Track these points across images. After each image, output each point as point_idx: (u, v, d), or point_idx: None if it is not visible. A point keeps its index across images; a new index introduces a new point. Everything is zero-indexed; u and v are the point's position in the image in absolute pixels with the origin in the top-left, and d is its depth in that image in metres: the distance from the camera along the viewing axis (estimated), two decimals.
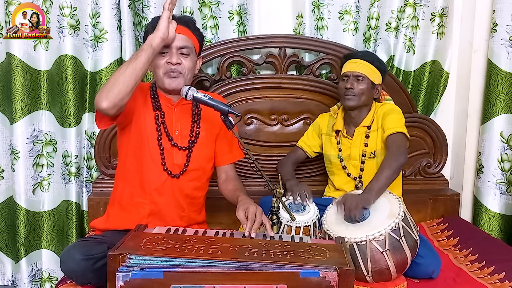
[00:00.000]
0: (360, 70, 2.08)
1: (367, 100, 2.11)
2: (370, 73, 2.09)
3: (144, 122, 1.79)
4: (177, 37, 1.74)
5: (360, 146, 2.14)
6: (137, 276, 1.31)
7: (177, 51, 1.75)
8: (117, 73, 1.60)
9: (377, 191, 1.82)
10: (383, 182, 1.84)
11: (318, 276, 1.34)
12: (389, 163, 1.90)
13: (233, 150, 1.95)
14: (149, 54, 1.63)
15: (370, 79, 2.08)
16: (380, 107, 2.14)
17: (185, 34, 1.77)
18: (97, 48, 2.38)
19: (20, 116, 2.31)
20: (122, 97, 1.58)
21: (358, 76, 2.08)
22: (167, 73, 1.76)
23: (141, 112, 1.79)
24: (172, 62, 1.74)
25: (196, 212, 1.92)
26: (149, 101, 1.82)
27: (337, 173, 2.22)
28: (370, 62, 2.10)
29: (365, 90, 2.08)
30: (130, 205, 1.82)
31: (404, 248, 1.68)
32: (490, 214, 2.51)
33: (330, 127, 2.24)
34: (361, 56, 2.13)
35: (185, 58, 1.77)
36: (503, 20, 2.41)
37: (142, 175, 1.80)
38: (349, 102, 2.09)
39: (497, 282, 1.78)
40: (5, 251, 2.44)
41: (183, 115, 1.85)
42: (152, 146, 1.79)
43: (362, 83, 2.08)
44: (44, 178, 2.41)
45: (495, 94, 2.46)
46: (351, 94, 2.08)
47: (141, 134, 1.79)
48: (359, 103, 2.09)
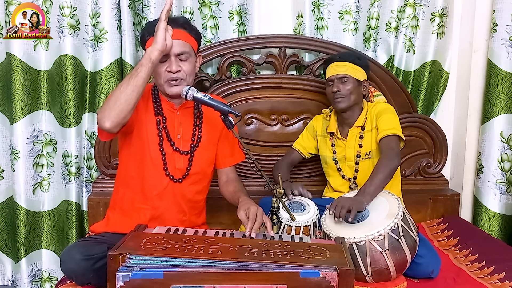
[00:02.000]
0: (342, 71, 2.10)
1: (357, 99, 2.12)
2: (353, 71, 2.10)
3: (145, 128, 1.78)
4: (174, 43, 1.71)
5: (354, 147, 2.14)
6: (137, 276, 1.31)
7: (175, 58, 1.73)
8: (117, 90, 1.57)
9: (371, 193, 1.81)
10: (377, 185, 1.84)
11: (318, 276, 1.34)
12: (383, 166, 1.89)
13: (234, 153, 1.95)
14: (149, 68, 1.61)
15: (354, 78, 2.10)
16: (373, 107, 2.15)
17: (182, 38, 1.74)
18: (97, 48, 2.38)
19: (20, 116, 2.31)
20: (125, 116, 1.57)
21: (342, 77, 2.09)
22: (167, 81, 1.74)
23: (143, 119, 1.78)
24: (172, 71, 1.72)
25: (197, 215, 1.92)
26: (151, 106, 1.81)
27: (332, 174, 2.23)
28: (350, 61, 2.11)
29: (352, 89, 2.09)
30: (131, 210, 1.82)
31: (403, 248, 1.68)
32: (490, 214, 2.51)
33: (324, 129, 2.25)
34: (340, 58, 2.15)
35: (184, 63, 1.75)
36: (503, 20, 2.41)
37: (143, 181, 1.80)
38: (340, 105, 2.10)
39: (497, 282, 1.78)
40: (5, 251, 2.44)
41: (185, 119, 1.84)
42: (154, 151, 1.78)
43: (348, 83, 2.09)
44: (44, 178, 2.41)
45: (495, 94, 2.46)
46: (340, 96, 2.09)
47: (142, 140, 1.78)
48: (349, 103, 2.10)
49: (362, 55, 2.34)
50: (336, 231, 1.73)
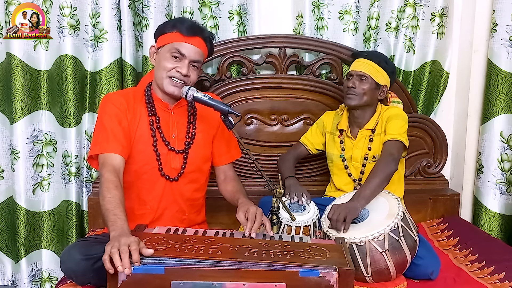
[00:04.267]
0: (363, 69, 2.07)
1: (369, 101, 2.09)
2: (375, 73, 2.07)
3: (139, 132, 1.76)
4: (195, 50, 1.73)
5: (363, 149, 2.12)
6: (138, 271, 1.32)
7: (189, 63, 1.73)
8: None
9: (367, 198, 1.80)
10: (372, 190, 1.82)
11: (317, 276, 1.34)
12: (379, 171, 1.87)
13: (231, 150, 1.94)
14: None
15: (374, 79, 2.06)
16: (386, 110, 2.12)
17: (202, 48, 1.77)
18: (97, 48, 2.38)
19: (20, 116, 2.31)
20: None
21: (361, 75, 2.06)
22: (171, 78, 1.73)
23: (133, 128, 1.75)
24: (182, 73, 1.72)
25: (196, 213, 1.92)
26: (144, 108, 1.79)
27: (337, 173, 2.22)
28: (376, 62, 2.08)
29: (368, 90, 2.06)
30: (130, 219, 1.78)
31: (403, 248, 1.68)
32: (490, 214, 2.51)
33: (334, 125, 2.22)
34: (367, 56, 2.11)
35: (194, 71, 1.76)
36: (503, 20, 2.41)
37: (140, 188, 1.79)
38: (350, 101, 2.08)
39: (497, 282, 1.78)
40: (5, 251, 2.44)
41: (180, 118, 1.83)
42: (149, 154, 1.77)
43: (365, 83, 2.06)
44: (44, 178, 2.41)
45: (495, 94, 2.46)
46: (352, 93, 2.06)
47: (137, 146, 1.76)
48: (360, 102, 2.07)
49: (391, 61, 2.29)
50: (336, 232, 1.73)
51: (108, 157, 1.66)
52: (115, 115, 1.72)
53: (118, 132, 1.70)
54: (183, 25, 1.74)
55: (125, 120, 1.73)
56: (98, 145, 1.70)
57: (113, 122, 1.71)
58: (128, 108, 1.75)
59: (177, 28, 1.73)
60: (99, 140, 1.71)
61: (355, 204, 1.77)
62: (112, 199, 1.53)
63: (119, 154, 1.68)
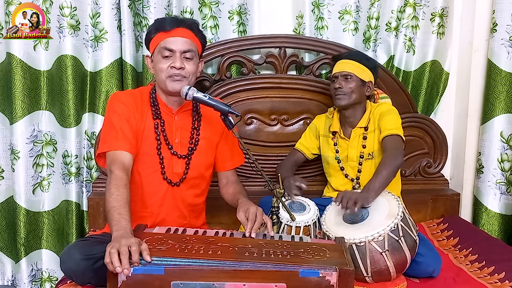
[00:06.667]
0: (347, 69, 2.10)
1: (358, 98, 2.12)
2: (358, 71, 2.10)
3: (145, 137, 1.76)
4: (181, 40, 1.72)
5: (357, 148, 2.14)
6: (138, 272, 1.32)
7: (180, 55, 1.73)
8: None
9: (376, 190, 1.82)
10: (382, 182, 1.85)
11: (317, 276, 1.34)
12: (387, 164, 1.90)
13: (234, 157, 1.94)
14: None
15: (358, 77, 2.10)
16: (376, 107, 2.15)
17: (189, 37, 1.75)
18: (97, 48, 2.38)
19: (20, 116, 2.31)
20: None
21: (346, 75, 2.10)
22: (170, 76, 1.73)
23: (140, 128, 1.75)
24: (176, 67, 1.72)
25: (196, 217, 1.92)
26: (149, 110, 1.79)
27: (334, 174, 2.23)
28: (357, 61, 2.12)
29: (355, 88, 2.10)
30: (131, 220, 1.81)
31: (403, 248, 1.68)
32: (490, 214, 2.51)
33: (327, 128, 2.25)
34: (347, 56, 2.16)
35: (188, 62, 1.75)
36: (503, 20, 2.41)
37: (142, 190, 1.79)
38: (340, 102, 2.11)
39: (497, 282, 1.78)
40: (5, 251, 2.44)
41: (184, 123, 1.83)
42: (152, 156, 1.77)
43: (351, 82, 2.10)
44: (44, 178, 2.41)
45: (495, 94, 2.46)
46: (341, 93, 2.10)
47: (142, 147, 1.76)
48: (350, 101, 2.10)
49: (371, 58, 2.33)
50: (336, 232, 1.73)
51: (118, 155, 1.66)
52: (124, 113, 1.72)
53: (127, 130, 1.70)
54: (163, 24, 1.74)
55: (133, 119, 1.73)
56: (107, 143, 1.70)
57: (122, 120, 1.71)
58: (136, 108, 1.76)
59: (158, 29, 1.74)
60: (108, 138, 1.70)
61: (366, 195, 1.79)
62: (120, 197, 1.53)
63: (128, 151, 1.68)
